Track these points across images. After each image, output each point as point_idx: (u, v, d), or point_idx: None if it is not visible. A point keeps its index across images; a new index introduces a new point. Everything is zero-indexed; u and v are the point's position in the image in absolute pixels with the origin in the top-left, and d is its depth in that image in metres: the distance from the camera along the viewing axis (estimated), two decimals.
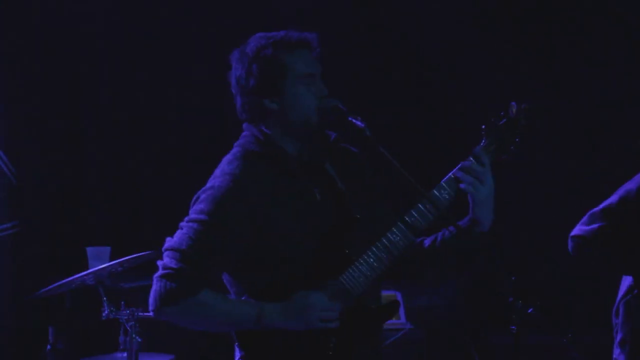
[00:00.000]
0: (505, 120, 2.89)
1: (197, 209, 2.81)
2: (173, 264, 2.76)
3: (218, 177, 2.86)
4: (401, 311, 5.25)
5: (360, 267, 2.81)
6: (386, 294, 3.17)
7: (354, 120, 2.85)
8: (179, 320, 2.84)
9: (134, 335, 4.25)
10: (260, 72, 2.85)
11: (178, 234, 2.82)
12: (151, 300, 2.80)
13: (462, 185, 2.84)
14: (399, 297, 5.08)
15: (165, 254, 2.81)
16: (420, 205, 2.86)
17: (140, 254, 4.29)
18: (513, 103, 2.89)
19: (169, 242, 2.82)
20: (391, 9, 6.24)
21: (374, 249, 2.83)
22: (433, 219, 2.89)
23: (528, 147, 2.94)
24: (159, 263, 2.82)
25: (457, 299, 5.38)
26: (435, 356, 5.40)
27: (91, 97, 6.16)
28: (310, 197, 2.88)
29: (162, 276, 2.77)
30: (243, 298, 2.85)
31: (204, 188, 2.86)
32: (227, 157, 2.92)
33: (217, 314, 2.81)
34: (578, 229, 3.98)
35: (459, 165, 2.87)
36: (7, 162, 5.94)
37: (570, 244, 4.01)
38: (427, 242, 2.97)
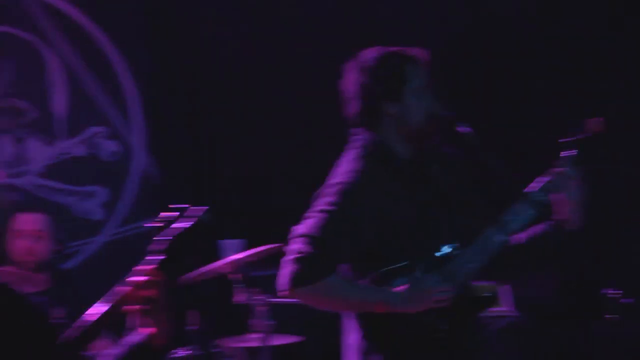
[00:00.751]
0: (582, 135, 3.05)
1: (326, 201, 2.96)
2: (306, 249, 2.89)
3: (344, 173, 3.01)
4: (506, 299, 5.36)
5: (461, 260, 3.01)
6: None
7: (460, 127, 3.05)
8: (309, 300, 2.97)
9: (266, 319, 4.50)
10: (384, 78, 3.06)
11: (308, 222, 2.95)
12: (283, 281, 2.92)
13: (556, 188, 3.03)
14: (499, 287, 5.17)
15: (296, 239, 2.93)
16: (518, 205, 3.05)
17: (271, 245, 4.51)
18: (589, 119, 3.05)
19: (300, 229, 2.94)
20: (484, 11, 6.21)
21: (475, 244, 3.03)
22: (530, 219, 3.08)
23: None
24: (288, 248, 2.94)
25: (558, 289, 5.47)
26: (539, 343, 5.45)
27: (226, 102, 6.35)
28: (418, 196, 3.07)
29: (295, 259, 2.89)
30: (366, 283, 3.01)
31: (330, 183, 3.01)
32: (348, 157, 3.07)
33: (343, 297, 2.95)
34: None
35: (555, 170, 3.04)
36: (153, 163, 6.28)
37: None
38: (514, 239, 3.14)
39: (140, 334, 2.64)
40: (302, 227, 2.97)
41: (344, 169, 3.05)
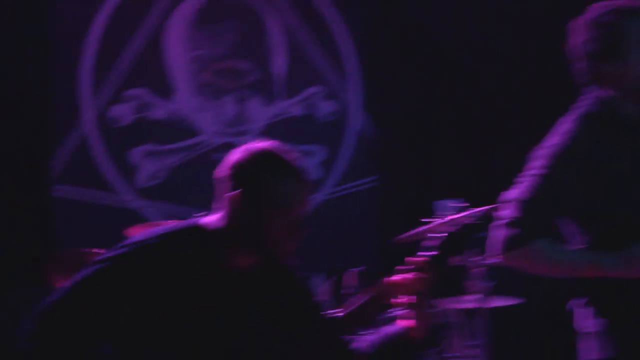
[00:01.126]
0: None
1: (537, 165, 2.93)
2: (515, 213, 2.90)
3: (558, 135, 2.98)
4: None
5: None
6: None
7: None
8: (520, 264, 2.95)
9: (483, 280, 4.50)
10: (601, 37, 2.97)
11: (519, 186, 2.94)
12: (494, 246, 2.94)
13: None
14: None
15: (506, 204, 2.94)
16: None
17: (489, 206, 4.29)
18: None
19: (511, 194, 2.97)
20: None
21: None
22: None
23: None
24: (500, 214, 2.97)
25: None
26: None
27: (444, 61, 6.36)
28: None
29: (507, 224, 2.91)
30: (582, 247, 2.96)
31: (543, 145, 2.97)
32: (567, 118, 3.02)
33: (554, 261, 2.92)
34: None
35: None
36: (369, 123, 6.41)
37: None
38: None
39: (399, 325, 2.70)
40: (514, 192, 2.97)
41: (561, 130, 2.99)
